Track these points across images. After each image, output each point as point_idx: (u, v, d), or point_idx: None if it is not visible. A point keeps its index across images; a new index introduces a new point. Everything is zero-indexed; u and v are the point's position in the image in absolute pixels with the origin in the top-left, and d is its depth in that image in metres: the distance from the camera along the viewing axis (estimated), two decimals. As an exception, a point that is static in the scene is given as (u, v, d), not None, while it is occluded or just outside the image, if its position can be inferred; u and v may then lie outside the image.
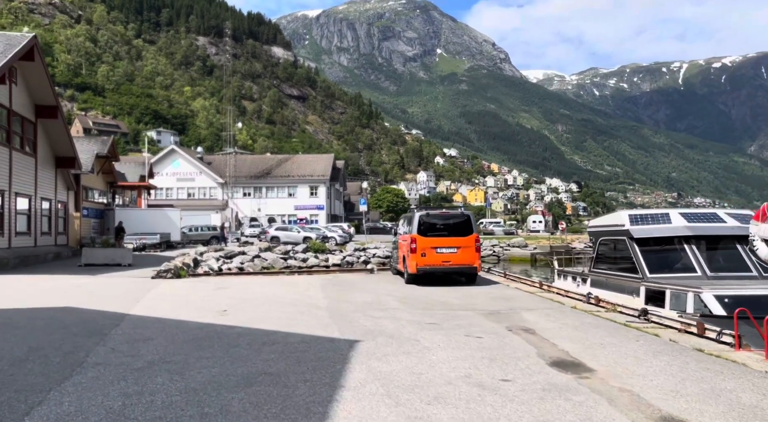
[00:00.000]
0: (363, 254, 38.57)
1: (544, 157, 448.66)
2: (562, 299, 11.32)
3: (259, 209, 64.85)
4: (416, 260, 13.93)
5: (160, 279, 17.08)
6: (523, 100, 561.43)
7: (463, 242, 14.00)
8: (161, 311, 10.08)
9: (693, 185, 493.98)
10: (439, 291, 13.09)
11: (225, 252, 31.93)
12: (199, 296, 12.51)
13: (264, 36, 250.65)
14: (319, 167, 66.68)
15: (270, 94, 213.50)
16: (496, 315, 9.41)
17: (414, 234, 14.09)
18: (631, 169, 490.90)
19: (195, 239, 39.43)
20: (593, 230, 13.67)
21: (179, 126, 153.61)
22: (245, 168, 67.12)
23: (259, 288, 13.98)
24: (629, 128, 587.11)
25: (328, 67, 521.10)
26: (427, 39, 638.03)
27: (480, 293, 12.58)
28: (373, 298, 11.84)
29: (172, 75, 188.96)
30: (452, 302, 11.17)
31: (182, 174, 65.36)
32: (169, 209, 38.77)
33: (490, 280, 15.58)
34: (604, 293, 11.97)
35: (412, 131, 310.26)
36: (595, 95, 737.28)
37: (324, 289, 13.63)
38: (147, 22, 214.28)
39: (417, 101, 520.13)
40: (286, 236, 40.30)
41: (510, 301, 11.13)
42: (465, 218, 14.28)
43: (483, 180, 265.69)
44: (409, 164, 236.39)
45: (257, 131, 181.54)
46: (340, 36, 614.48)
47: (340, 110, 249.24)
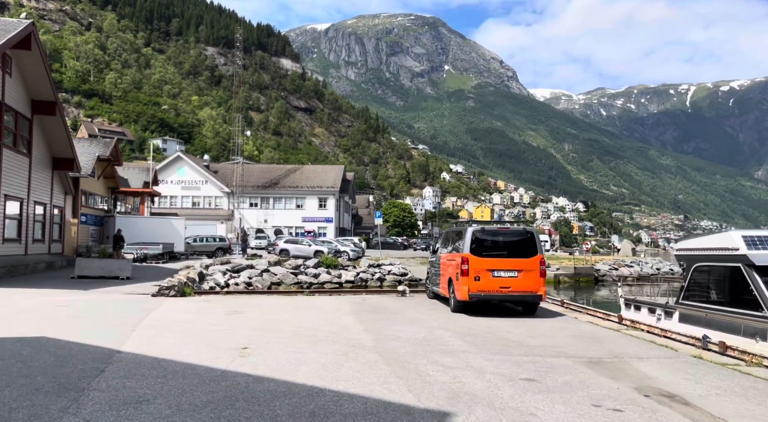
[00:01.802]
0: (378, 270, 36.26)
1: (550, 175, 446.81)
2: (666, 341, 8.99)
3: (265, 220, 62.68)
4: (468, 284, 11.64)
5: (161, 297, 14.82)
6: (529, 118, 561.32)
7: (525, 264, 11.71)
8: (162, 346, 7.81)
9: (700, 208, 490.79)
10: (499, 324, 10.78)
11: (232, 266, 29.62)
12: (209, 322, 10.23)
13: (273, 48, 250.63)
14: (328, 178, 64.59)
15: (277, 105, 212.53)
16: (603, 366, 7.12)
17: (465, 254, 11.82)
18: (637, 190, 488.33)
19: (200, 250, 37.18)
20: (684, 253, 11.38)
21: (185, 135, 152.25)
22: (252, 178, 65.08)
23: (279, 314, 11.69)
24: (636, 149, 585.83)
25: (336, 80, 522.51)
26: (435, 55, 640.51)
27: (553, 329, 10.26)
28: (425, 332, 9.54)
29: (180, 84, 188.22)
30: (527, 341, 8.87)
31: (187, 182, 63.31)
32: (173, 218, 36.59)
33: (548, 309, 13.24)
34: (707, 332, 9.67)
35: (419, 146, 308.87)
36: (602, 115, 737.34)
37: (358, 317, 11.33)
38: (157, 31, 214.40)
39: (423, 117, 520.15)
40: (296, 249, 38.03)
41: (602, 343, 8.81)
42: (527, 236, 12.00)
43: (489, 197, 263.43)
44: (415, 178, 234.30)
45: (263, 142, 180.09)
46: (348, 50, 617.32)
47: (347, 123, 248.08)
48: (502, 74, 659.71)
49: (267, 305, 13.16)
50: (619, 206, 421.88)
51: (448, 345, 8.41)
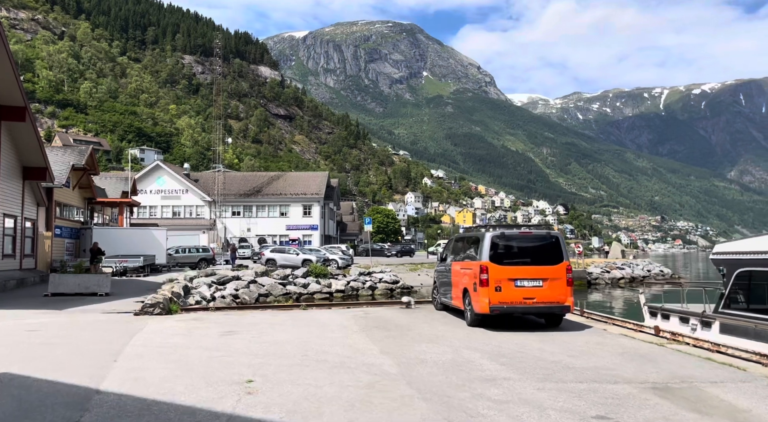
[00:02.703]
0: (369, 279, 35.22)
1: (530, 179, 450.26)
2: (724, 358, 7.99)
3: (248, 229, 61.11)
4: (489, 295, 10.54)
5: (145, 316, 13.47)
6: (508, 123, 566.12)
7: (550, 272, 10.66)
8: (151, 382, 6.58)
9: (676, 209, 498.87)
10: (526, 340, 9.71)
11: (218, 278, 28.23)
12: (202, 347, 8.98)
13: (251, 55, 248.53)
14: (312, 185, 63.28)
15: (257, 113, 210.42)
16: (676, 395, 6.07)
17: (484, 261, 10.72)
18: (615, 192, 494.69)
19: (182, 261, 35.61)
20: (724, 257, 10.45)
21: (163, 144, 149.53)
22: (234, 186, 63.48)
23: (280, 333, 10.46)
24: (612, 152, 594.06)
25: (315, 88, 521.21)
26: (413, 61, 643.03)
27: (589, 345, 9.21)
28: (451, 353, 8.42)
29: (157, 93, 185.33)
30: (571, 363, 7.80)
31: (167, 192, 61.49)
32: (154, 229, 34.98)
33: (570, 320, 12.20)
34: (756, 346, 8.73)
35: (400, 152, 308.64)
36: (579, 119, 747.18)
37: (369, 335, 10.16)
38: (132, 40, 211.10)
39: (403, 123, 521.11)
40: (283, 258, 36.76)
41: (656, 362, 7.77)
42: (552, 241, 10.94)
43: (471, 202, 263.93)
44: (397, 184, 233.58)
45: (243, 150, 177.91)
46: (327, 57, 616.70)
47: (327, 130, 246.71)
48: (479, 80, 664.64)
49: (264, 323, 11.91)
50: (597, 208, 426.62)
51: (484, 369, 7.30)
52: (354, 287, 33.09)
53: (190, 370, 7.27)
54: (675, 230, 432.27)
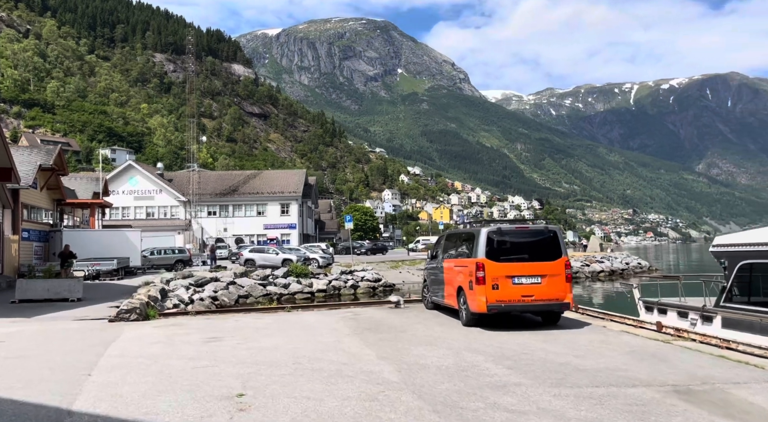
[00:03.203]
0: (350, 277, 34.65)
1: (505, 175, 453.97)
2: (738, 355, 7.68)
3: (225, 229, 59.90)
4: (486, 294, 10.11)
5: (121, 323, 12.74)
6: (482, 119, 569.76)
7: (549, 268, 10.27)
8: (130, 399, 5.96)
9: (647, 202, 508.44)
10: (527, 340, 9.30)
11: (195, 279, 27.34)
12: (185, 356, 8.34)
13: (223, 53, 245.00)
14: (290, 183, 62.35)
15: (230, 111, 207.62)
16: (701, 399, 5.69)
17: (480, 259, 10.28)
18: (588, 186, 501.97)
19: (158, 263, 34.53)
20: (726, 249, 10.19)
21: (135, 144, 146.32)
22: (210, 185, 62.19)
23: (267, 339, 9.86)
24: (585, 147, 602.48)
25: (289, 86, 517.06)
26: (387, 59, 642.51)
27: (593, 344, 8.84)
28: (453, 357, 7.94)
29: (128, 92, 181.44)
30: (580, 364, 7.39)
31: (141, 192, 59.92)
32: (128, 230, 33.84)
33: (566, 317, 11.83)
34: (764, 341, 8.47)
35: (376, 150, 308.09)
36: (552, 115, 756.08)
37: (361, 339, 9.64)
38: (101, 38, 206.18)
39: (379, 120, 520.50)
40: (262, 258, 35.95)
41: (669, 362, 7.40)
42: (550, 235, 10.55)
43: (447, 198, 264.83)
44: (374, 182, 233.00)
45: (218, 150, 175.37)
46: (301, 55, 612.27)
47: (302, 128, 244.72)
48: (454, 77, 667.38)
49: (249, 328, 11.29)
50: (571, 202, 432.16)
51: (492, 374, 6.84)
52: (336, 286, 32.52)
53: (174, 384, 6.66)
54: (646, 222, 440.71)
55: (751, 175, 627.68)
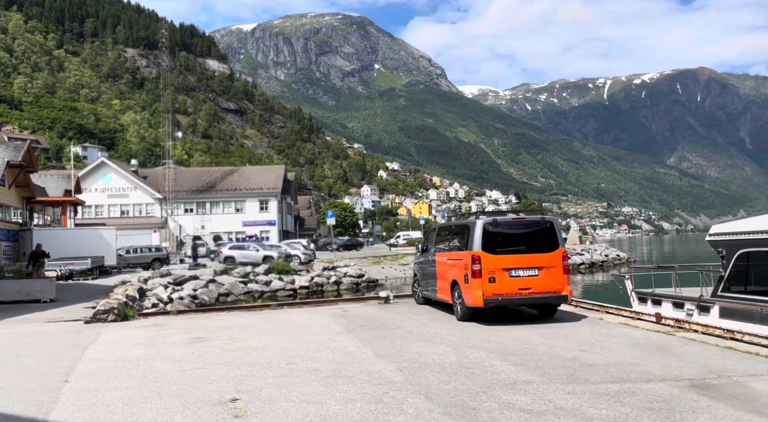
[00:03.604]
0: (333, 273, 34.22)
1: (482, 170, 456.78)
2: (746, 346, 7.49)
3: (202, 227, 58.77)
4: (482, 287, 9.80)
5: (98, 324, 12.14)
6: (459, 114, 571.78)
7: (546, 260, 10.00)
8: (113, 408, 5.49)
9: (621, 195, 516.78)
10: (527, 334, 9.02)
11: (174, 278, 26.64)
12: (170, 358, 7.86)
13: (198, 48, 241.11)
14: (268, 179, 61.45)
15: (205, 107, 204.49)
16: (723, 395, 5.44)
17: (476, 251, 9.96)
18: (563, 180, 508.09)
19: (134, 262, 33.63)
20: (723, 238, 10.05)
21: (108, 141, 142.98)
22: (186, 182, 60.97)
23: (256, 338, 9.41)
24: (560, 141, 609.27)
25: (265, 81, 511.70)
26: (364, 54, 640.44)
27: (595, 337, 8.59)
28: (454, 354, 7.61)
29: (99, 88, 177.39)
30: (588, 359, 7.12)
31: (114, 190, 58.47)
32: (102, 228, 32.84)
33: (561, 309, 11.60)
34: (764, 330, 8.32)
35: (354, 146, 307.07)
36: (528, 110, 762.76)
37: (355, 336, 9.25)
38: (70, 33, 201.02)
39: (356, 116, 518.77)
40: (242, 255, 35.27)
41: (678, 355, 7.17)
42: (547, 226, 10.28)
43: (426, 193, 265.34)
44: (353, 178, 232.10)
45: (193, 146, 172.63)
46: (276, 50, 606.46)
47: (279, 124, 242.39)
48: (431, 72, 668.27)
49: (235, 327, 10.81)
50: (547, 196, 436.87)
51: (499, 372, 6.52)
52: (318, 282, 32.06)
53: (160, 389, 6.19)
54: (620, 215, 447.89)
55: (720, 168, 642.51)
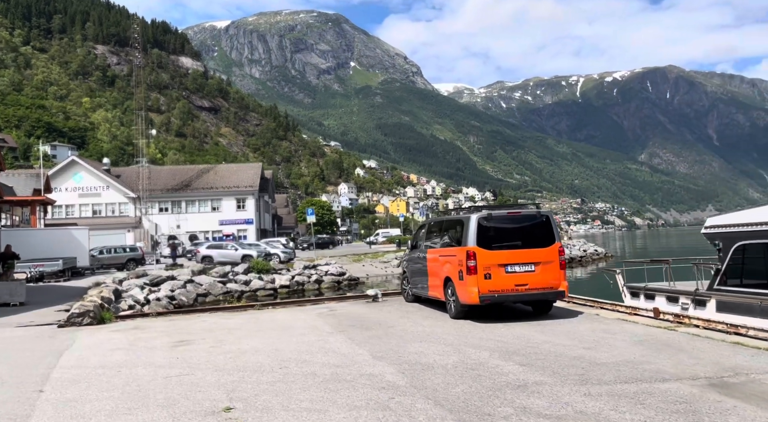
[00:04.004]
0: (314, 272, 33.74)
1: (458, 167, 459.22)
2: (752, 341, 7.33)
3: (178, 226, 57.68)
4: (477, 284, 9.50)
5: (73, 328, 11.54)
6: (435, 112, 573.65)
7: (542, 255, 9.75)
8: (95, 421, 5.03)
9: (594, 191, 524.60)
10: (525, 331, 8.76)
11: (150, 278, 25.89)
12: (153, 364, 7.38)
13: (170, 46, 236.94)
14: (245, 177, 60.56)
15: (179, 105, 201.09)
16: (745, 393, 5.22)
17: (471, 247, 9.66)
18: (538, 177, 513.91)
19: (108, 263, 32.66)
20: (720, 231, 9.93)
21: (78, 140, 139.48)
22: (161, 180, 59.70)
23: (243, 340, 8.96)
24: (535, 139, 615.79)
25: (240, 79, 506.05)
26: (340, 52, 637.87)
27: (596, 334, 8.36)
28: (455, 354, 7.29)
29: (68, 85, 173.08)
30: (595, 357, 6.87)
31: (86, 189, 56.96)
32: (74, 228, 31.79)
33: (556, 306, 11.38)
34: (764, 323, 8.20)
35: (331, 143, 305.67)
36: (503, 107, 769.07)
37: (348, 337, 8.87)
38: (37, 29, 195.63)
39: (333, 114, 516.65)
40: (221, 255, 34.59)
41: (688, 352, 6.96)
42: (542, 220, 10.02)
43: (403, 191, 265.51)
44: (330, 176, 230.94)
45: (167, 145, 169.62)
46: (251, 48, 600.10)
47: (255, 122, 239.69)
48: (407, 70, 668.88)
49: (220, 329, 10.33)
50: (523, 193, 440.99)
51: (506, 372, 6.21)
52: (299, 281, 31.58)
53: (145, 398, 5.73)
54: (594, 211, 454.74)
55: (689, 164, 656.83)
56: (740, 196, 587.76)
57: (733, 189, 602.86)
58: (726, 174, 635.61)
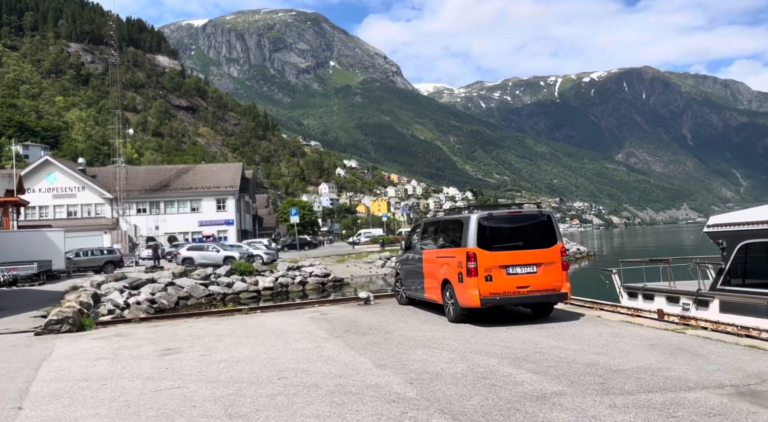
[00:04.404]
0: (298, 273, 33.19)
1: (439, 167, 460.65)
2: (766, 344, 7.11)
3: (156, 227, 56.50)
4: (478, 286, 9.19)
5: (51, 336, 10.96)
6: (416, 112, 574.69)
7: (544, 256, 9.47)
8: (83, 444, 4.59)
9: (572, 191, 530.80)
10: (530, 335, 8.47)
11: (130, 281, 25.16)
12: (142, 376, 6.90)
13: (146, 44, 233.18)
14: (226, 177, 59.61)
15: (156, 105, 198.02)
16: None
17: (471, 248, 9.34)
18: (517, 176, 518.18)
19: (85, 265, 31.71)
20: (724, 230, 9.76)
21: (51, 140, 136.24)
22: (138, 181, 58.47)
23: (235, 348, 8.51)
24: (514, 138, 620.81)
25: (218, 78, 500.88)
26: (319, 51, 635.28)
27: (603, 337, 8.10)
28: (461, 361, 6.95)
29: (41, 83, 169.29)
30: (611, 363, 6.59)
31: (60, 189, 55.50)
32: (49, 230, 30.79)
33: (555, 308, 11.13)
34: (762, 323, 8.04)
35: (311, 143, 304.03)
36: (482, 107, 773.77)
37: (346, 343, 8.48)
38: (7, 26, 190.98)
39: (312, 113, 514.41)
40: (201, 257, 33.86)
41: (705, 357, 6.71)
42: (544, 220, 9.74)
43: (384, 190, 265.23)
44: (310, 175, 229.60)
45: (143, 144, 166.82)
46: (229, 47, 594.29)
47: (233, 122, 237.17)
48: (386, 70, 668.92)
49: (209, 336, 9.86)
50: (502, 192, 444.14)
51: (520, 382, 5.89)
52: (283, 283, 31.02)
53: (135, 416, 5.28)
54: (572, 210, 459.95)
55: (664, 163, 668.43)
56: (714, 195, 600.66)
57: (707, 188, 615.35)
58: (700, 173, 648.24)
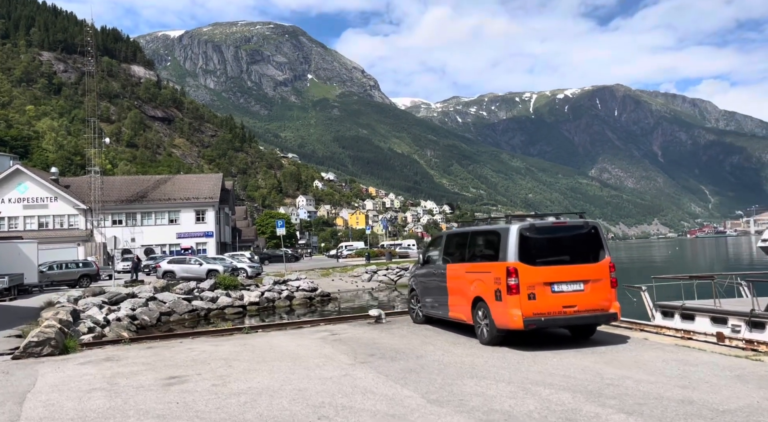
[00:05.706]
0: (285, 287, 31.93)
1: (416, 180, 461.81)
2: None
3: (133, 239, 54.43)
4: (520, 305, 8.26)
5: (31, 360, 9.71)
6: (393, 126, 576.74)
7: (591, 271, 8.60)
8: None
9: (547, 205, 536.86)
10: (584, 363, 7.57)
11: (109, 296, 23.67)
12: (150, 414, 5.77)
13: (122, 54, 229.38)
14: (205, 188, 58.00)
15: (131, 115, 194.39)
16: None
17: (511, 262, 8.42)
18: (493, 191, 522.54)
19: (59, 279, 29.97)
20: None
21: (21, 149, 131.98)
22: (114, 191, 56.48)
23: (250, 375, 7.41)
24: (490, 153, 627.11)
25: (194, 90, 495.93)
26: (297, 64, 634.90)
27: (670, 365, 7.24)
28: (527, 396, 6.01)
29: (11, 92, 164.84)
30: (702, 400, 5.73)
31: (31, 200, 53.21)
32: (21, 242, 29.03)
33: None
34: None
35: (288, 155, 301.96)
36: (459, 122, 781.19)
37: (376, 370, 7.46)
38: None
39: (290, 126, 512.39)
40: (183, 270, 32.39)
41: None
42: (591, 232, 8.87)
43: (362, 203, 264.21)
44: (288, 188, 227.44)
45: (117, 155, 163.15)
46: (206, 58, 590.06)
47: (210, 133, 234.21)
48: (364, 84, 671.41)
49: (214, 359, 8.72)
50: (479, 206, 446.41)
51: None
52: (269, 298, 29.79)
53: (157, 473, 4.20)
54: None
55: (636, 179, 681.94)
56: (683, 210, 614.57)
57: (677, 204, 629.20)
58: (670, 189, 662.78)
